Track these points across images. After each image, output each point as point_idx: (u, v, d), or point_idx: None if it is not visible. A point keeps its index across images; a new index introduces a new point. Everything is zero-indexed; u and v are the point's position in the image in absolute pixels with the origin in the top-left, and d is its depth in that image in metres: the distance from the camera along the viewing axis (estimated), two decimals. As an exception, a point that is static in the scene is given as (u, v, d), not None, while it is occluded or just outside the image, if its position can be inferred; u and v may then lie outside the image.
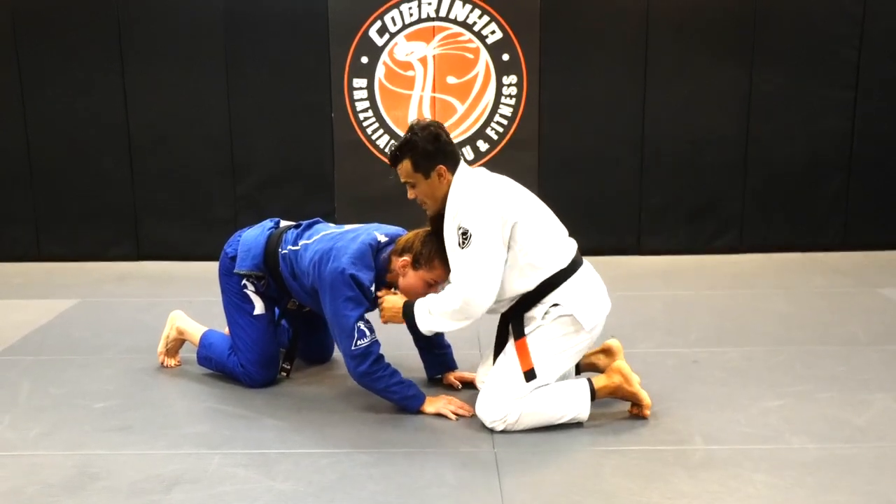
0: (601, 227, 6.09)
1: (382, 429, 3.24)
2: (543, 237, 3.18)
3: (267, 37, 5.84)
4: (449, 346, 3.71)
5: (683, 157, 6.02)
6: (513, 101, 5.90)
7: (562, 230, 3.31)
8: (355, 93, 5.89)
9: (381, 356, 3.31)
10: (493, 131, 5.94)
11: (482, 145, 5.95)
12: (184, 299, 4.95)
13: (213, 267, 5.74)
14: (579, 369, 3.53)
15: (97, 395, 3.60)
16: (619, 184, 6.05)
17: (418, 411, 3.35)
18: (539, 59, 5.85)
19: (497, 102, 5.90)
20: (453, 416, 3.30)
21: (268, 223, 3.74)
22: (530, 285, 3.17)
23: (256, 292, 3.64)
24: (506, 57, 5.84)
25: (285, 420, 3.33)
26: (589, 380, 3.24)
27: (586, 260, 3.35)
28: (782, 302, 4.92)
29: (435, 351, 3.68)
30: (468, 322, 3.16)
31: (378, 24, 5.80)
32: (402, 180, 3.30)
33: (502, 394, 3.15)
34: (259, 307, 3.64)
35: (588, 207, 6.06)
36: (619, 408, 3.38)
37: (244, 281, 3.63)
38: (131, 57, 5.86)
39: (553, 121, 5.95)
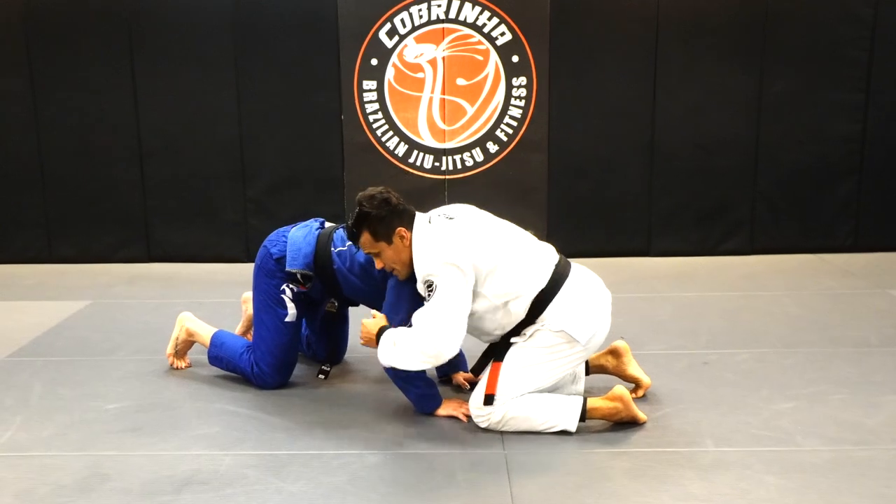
0: (611, 230, 6.08)
1: (393, 430, 3.24)
2: (513, 270, 3.18)
3: (276, 40, 5.85)
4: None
5: (693, 160, 6.00)
6: (522, 103, 5.90)
7: (534, 249, 3.30)
8: (365, 95, 5.89)
9: None
10: (503, 133, 5.93)
11: (492, 147, 5.95)
12: (193, 301, 4.97)
13: (222, 269, 5.82)
14: (588, 370, 3.53)
15: (108, 397, 3.61)
16: (629, 186, 6.04)
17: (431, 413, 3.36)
18: (548, 61, 5.85)
19: (507, 104, 5.90)
20: (465, 418, 3.31)
21: (314, 223, 3.68)
22: (517, 316, 3.19)
23: (294, 299, 3.61)
24: (515, 59, 5.84)
25: (296, 421, 3.34)
26: (585, 399, 3.21)
27: (582, 265, 3.35)
28: (793, 304, 4.90)
29: None
30: (429, 365, 3.16)
31: (388, 26, 5.81)
32: (366, 252, 3.32)
33: (497, 396, 3.17)
34: (291, 314, 3.61)
35: (598, 209, 6.05)
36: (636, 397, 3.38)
37: (284, 286, 3.59)
38: (142, 61, 5.88)
39: (563, 122, 5.94)
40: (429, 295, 3.11)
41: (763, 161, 5.99)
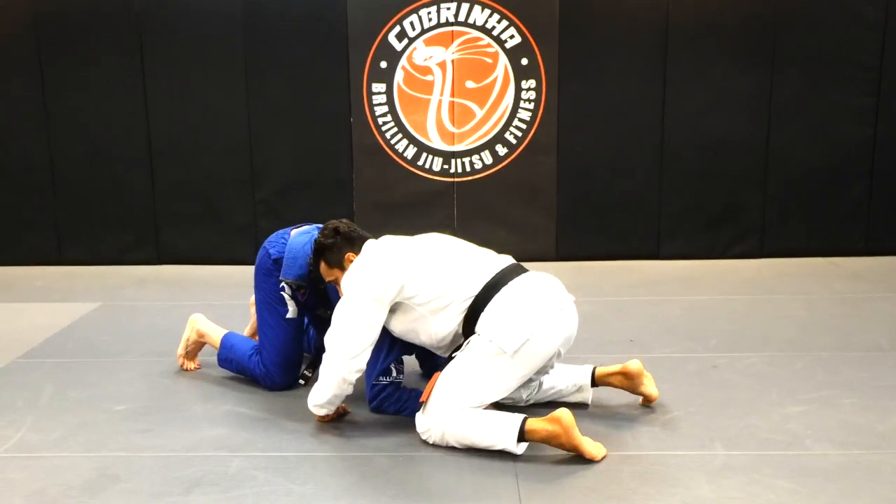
0: (620, 232, 6.07)
1: (401, 433, 3.24)
2: (440, 277, 3.15)
3: (286, 42, 5.87)
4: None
5: (703, 163, 5.99)
6: (531, 106, 5.90)
7: (472, 260, 3.25)
8: (374, 97, 5.90)
9: (393, 391, 3.32)
10: (512, 135, 5.93)
11: (501, 149, 5.95)
12: (203, 303, 4.98)
13: (232, 271, 5.83)
14: (594, 381, 3.45)
15: (118, 398, 3.63)
16: (639, 188, 6.03)
17: None
18: (557, 64, 5.85)
19: (516, 107, 5.90)
20: None
21: (315, 232, 3.64)
22: (451, 327, 3.15)
23: (293, 296, 3.64)
24: (524, 61, 5.84)
25: (305, 423, 3.34)
26: (525, 418, 3.01)
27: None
28: (803, 307, 4.88)
29: (441, 361, 3.69)
30: (344, 384, 3.16)
31: (397, 28, 5.82)
32: (327, 281, 3.39)
33: (428, 410, 3.11)
34: (292, 311, 3.64)
35: (607, 212, 6.04)
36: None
37: (283, 284, 3.62)
38: (151, 64, 5.90)
39: (572, 125, 5.94)
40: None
41: (773, 164, 5.98)
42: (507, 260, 3.29)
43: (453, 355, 3.17)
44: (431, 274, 3.16)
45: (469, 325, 3.12)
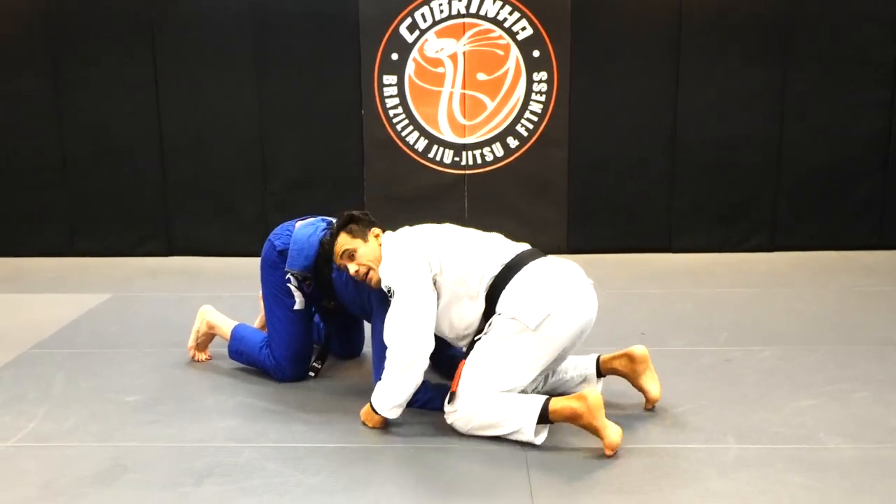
0: (632, 226, 6.05)
1: (412, 424, 3.24)
2: (463, 256, 3.19)
3: (296, 35, 5.86)
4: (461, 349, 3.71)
5: (715, 157, 5.95)
6: (543, 98, 5.88)
7: (493, 242, 3.31)
8: (385, 90, 5.89)
9: None
10: (524, 128, 5.92)
11: (512, 142, 5.93)
12: (213, 295, 4.99)
13: (243, 263, 5.84)
14: (600, 371, 3.43)
15: (129, 389, 3.64)
16: (650, 182, 6.01)
17: None
18: (570, 56, 5.82)
19: (527, 99, 5.88)
20: None
21: (321, 223, 3.67)
22: (477, 308, 3.16)
23: (299, 288, 3.64)
24: (536, 53, 5.82)
25: (316, 414, 3.35)
26: (548, 398, 3.02)
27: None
28: (816, 301, 4.86)
29: (451, 353, 3.70)
30: (418, 370, 3.12)
31: (408, 20, 5.80)
32: (343, 250, 3.31)
33: (456, 397, 3.11)
34: (299, 302, 3.63)
35: (618, 205, 6.02)
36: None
37: (289, 275, 3.62)
38: (163, 58, 5.91)
39: (583, 118, 5.91)
40: (391, 298, 3.15)
41: (786, 158, 5.94)
42: (525, 245, 3.32)
43: (476, 339, 3.15)
44: (456, 253, 3.20)
45: (490, 305, 3.13)
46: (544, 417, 2.99)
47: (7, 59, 5.95)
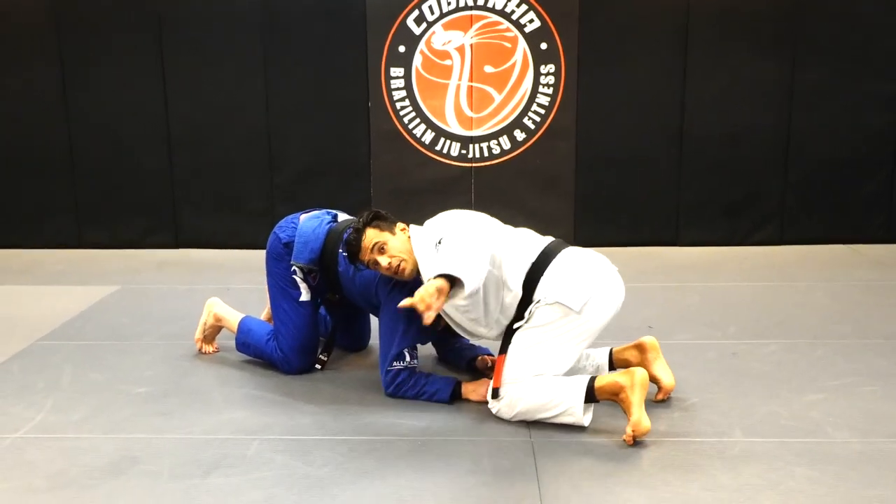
0: (639, 219, 6.05)
1: (420, 416, 3.24)
2: (502, 242, 3.21)
3: (303, 28, 5.86)
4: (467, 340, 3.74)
5: (723, 150, 5.94)
6: (550, 91, 5.86)
7: (524, 231, 3.36)
8: (392, 82, 5.89)
9: (408, 377, 3.34)
10: (531, 121, 5.91)
11: (519, 135, 5.92)
12: (221, 286, 5.00)
13: (250, 255, 5.84)
14: (612, 364, 3.46)
15: (137, 381, 3.65)
16: (658, 175, 6.00)
17: (461, 398, 3.36)
18: (577, 49, 5.81)
19: (534, 92, 5.87)
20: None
21: (326, 217, 3.67)
22: (514, 294, 3.15)
23: (304, 280, 3.64)
24: (544, 46, 5.81)
25: (323, 406, 3.35)
26: (593, 377, 3.09)
27: (607, 253, 3.34)
28: (824, 295, 4.84)
29: (459, 345, 3.72)
30: (483, 264, 3.01)
31: (415, 13, 5.79)
32: (374, 243, 3.23)
33: (500, 393, 3.13)
34: (305, 294, 3.64)
35: (626, 198, 6.02)
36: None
37: (294, 267, 3.62)
38: (170, 51, 5.92)
39: (591, 111, 5.90)
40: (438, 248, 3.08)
41: (794, 151, 5.92)
42: (550, 238, 3.34)
43: (515, 328, 3.14)
44: (496, 237, 3.21)
45: (527, 292, 3.13)
46: (590, 396, 3.04)
47: (15, 52, 5.97)
